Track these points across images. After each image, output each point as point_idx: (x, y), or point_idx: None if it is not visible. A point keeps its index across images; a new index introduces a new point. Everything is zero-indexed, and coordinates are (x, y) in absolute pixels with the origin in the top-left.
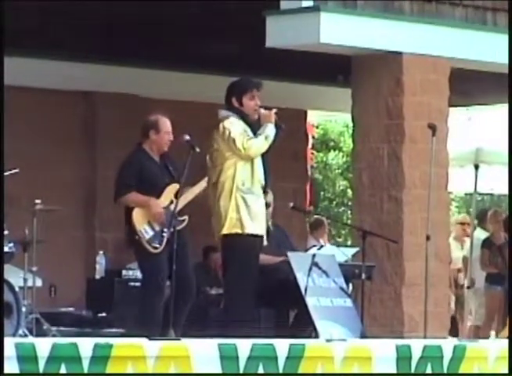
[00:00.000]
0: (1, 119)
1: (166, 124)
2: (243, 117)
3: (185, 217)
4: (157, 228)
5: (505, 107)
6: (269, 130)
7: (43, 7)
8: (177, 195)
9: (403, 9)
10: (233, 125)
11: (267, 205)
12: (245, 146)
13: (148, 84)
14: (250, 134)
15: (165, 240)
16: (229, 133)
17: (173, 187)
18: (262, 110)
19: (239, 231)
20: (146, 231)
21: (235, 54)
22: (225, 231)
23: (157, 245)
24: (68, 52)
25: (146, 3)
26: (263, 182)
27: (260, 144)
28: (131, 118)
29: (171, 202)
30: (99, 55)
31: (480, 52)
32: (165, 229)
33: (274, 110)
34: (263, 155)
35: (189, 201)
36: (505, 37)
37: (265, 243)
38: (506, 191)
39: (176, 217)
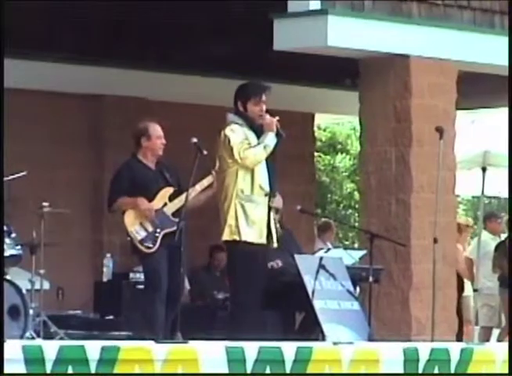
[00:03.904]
0: (1, 120)
1: (156, 129)
2: (248, 122)
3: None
4: (150, 229)
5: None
6: (269, 139)
7: (50, 9)
8: (171, 198)
9: (411, 11)
10: (233, 133)
11: (276, 210)
12: (241, 155)
13: (155, 87)
14: (253, 141)
15: (159, 240)
16: (229, 141)
17: (166, 190)
18: (267, 117)
19: (237, 238)
20: (137, 232)
21: (243, 57)
22: (225, 237)
23: (150, 245)
24: (76, 55)
25: (154, 6)
26: (266, 189)
27: (257, 154)
28: (138, 121)
29: (165, 204)
30: (107, 58)
31: (488, 55)
32: (158, 230)
33: (276, 118)
34: (267, 160)
35: (199, 204)
36: None
37: (275, 245)
38: None
39: (182, 218)
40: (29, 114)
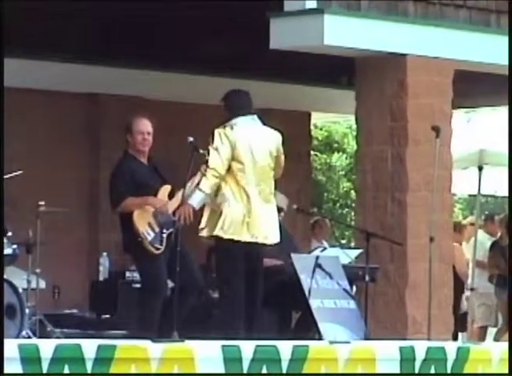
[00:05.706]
0: (1, 120)
1: (138, 123)
2: None
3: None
4: (157, 229)
5: (506, 109)
6: None
7: (47, 8)
8: (170, 196)
9: (407, 10)
10: None
11: (279, 210)
12: None
13: (152, 86)
14: None
15: (165, 240)
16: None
17: (165, 189)
18: None
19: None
20: (147, 233)
21: (239, 56)
22: (275, 240)
23: (159, 246)
24: (72, 54)
25: (150, 6)
26: None
27: None
28: None
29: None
30: (103, 57)
31: (484, 54)
32: (164, 230)
33: None
34: None
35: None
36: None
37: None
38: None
39: (178, 219)
40: (25, 113)
